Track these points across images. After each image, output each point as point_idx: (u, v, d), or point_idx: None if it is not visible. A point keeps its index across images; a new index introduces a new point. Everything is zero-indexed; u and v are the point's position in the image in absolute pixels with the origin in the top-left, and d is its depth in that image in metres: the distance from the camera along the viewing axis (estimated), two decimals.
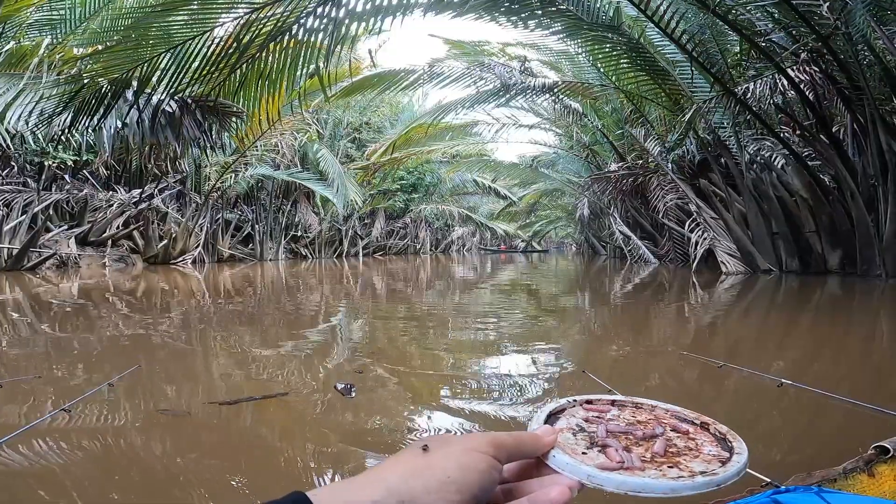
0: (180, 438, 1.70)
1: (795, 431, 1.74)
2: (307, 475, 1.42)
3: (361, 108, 19.13)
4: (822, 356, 3.03)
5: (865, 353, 3.07)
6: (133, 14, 4.48)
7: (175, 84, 4.46)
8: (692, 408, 0.55)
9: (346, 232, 19.96)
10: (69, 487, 1.34)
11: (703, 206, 9.17)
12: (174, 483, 1.37)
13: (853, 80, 6.34)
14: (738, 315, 4.77)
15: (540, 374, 2.55)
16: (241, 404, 1.97)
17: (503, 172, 22.45)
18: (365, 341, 3.61)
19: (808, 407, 1.93)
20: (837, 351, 3.15)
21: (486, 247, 34.68)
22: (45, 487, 1.34)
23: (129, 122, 6.26)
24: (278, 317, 4.78)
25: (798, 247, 7.92)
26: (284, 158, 15.71)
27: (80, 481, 1.38)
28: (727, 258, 8.52)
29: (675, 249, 11.03)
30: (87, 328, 3.96)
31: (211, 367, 2.84)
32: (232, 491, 1.32)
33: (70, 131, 5.39)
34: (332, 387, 2.15)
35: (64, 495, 1.31)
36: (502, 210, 28.20)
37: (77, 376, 2.49)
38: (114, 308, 5.26)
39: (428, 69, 9.49)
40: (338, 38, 4.22)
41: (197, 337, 3.68)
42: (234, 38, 3.93)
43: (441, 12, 5.42)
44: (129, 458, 1.55)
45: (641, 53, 7.79)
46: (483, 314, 4.98)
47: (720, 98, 7.40)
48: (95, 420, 1.80)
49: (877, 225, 6.68)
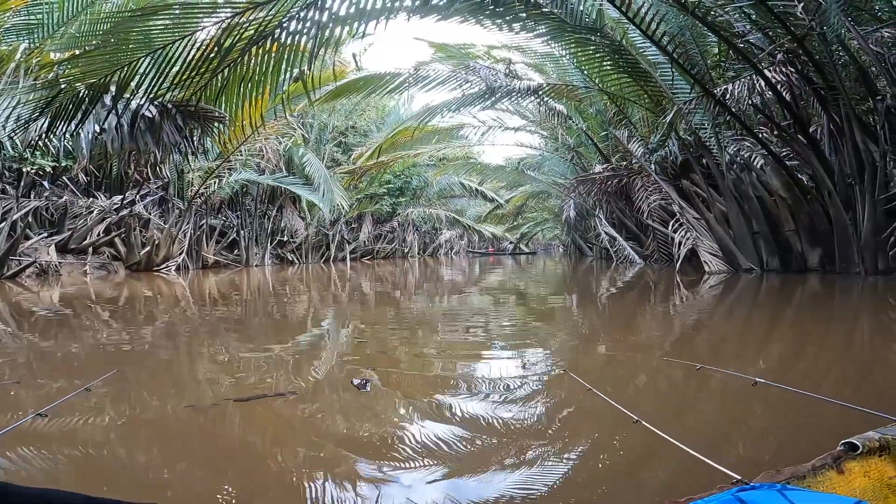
0: (193, 435, 1.68)
1: (769, 429, 1.77)
2: (330, 454, 1.41)
3: (347, 111, 19.05)
4: (802, 353, 3.09)
5: (843, 350, 3.13)
6: (112, 18, 4.41)
7: (155, 89, 4.40)
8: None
9: (333, 236, 19.85)
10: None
11: (685, 206, 9.29)
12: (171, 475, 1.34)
13: (828, 81, 6.47)
14: (720, 315, 4.84)
15: (528, 375, 2.56)
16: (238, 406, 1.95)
17: (490, 175, 22.51)
18: (354, 343, 3.59)
19: (780, 405, 1.96)
20: (817, 348, 3.21)
21: (474, 250, 34.71)
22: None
23: (108, 127, 6.15)
24: (266, 322, 4.73)
25: (778, 246, 8.06)
26: (269, 163, 15.58)
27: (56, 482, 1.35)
28: (710, 258, 8.64)
29: (659, 250, 11.15)
30: (68, 336, 3.88)
31: (196, 372, 2.80)
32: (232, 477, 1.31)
33: (47, 137, 5.29)
34: (349, 382, 2.31)
35: None
36: (489, 213, 28.25)
37: (56, 382, 2.44)
38: (96, 316, 5.16)
39: (413, 72, 9.50)
40: (322, 42, 4.20)
41: (183, 343, 3.63)
42: (215, 43, 3.89)
43: (426, 15, 5.42)
44: (127, 455, 1.52)
45: (624, 55, 7.89)
46: (472, 316, 4.98)
47: (700, 99, 7.51)
48: (72, 423, 1.77)
49: (854, 223, 6.81)
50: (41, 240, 10.82)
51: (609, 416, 1.70)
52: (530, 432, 1.76)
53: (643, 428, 1.34)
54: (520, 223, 30.48)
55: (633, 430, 1.44)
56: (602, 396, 1.72)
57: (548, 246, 40.01)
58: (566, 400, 2.15)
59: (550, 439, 1.70)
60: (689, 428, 1.77)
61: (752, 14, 6.53)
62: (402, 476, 1.39)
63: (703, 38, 7.59)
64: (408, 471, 1.43)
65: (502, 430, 1.77)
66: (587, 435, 1.76)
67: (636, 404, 1.85)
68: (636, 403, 1.94)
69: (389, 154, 16.70)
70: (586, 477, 1.44)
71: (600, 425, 1.78)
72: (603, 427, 1.76)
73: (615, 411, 1.54)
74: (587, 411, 1.93)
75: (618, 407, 1.54)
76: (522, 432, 1.76)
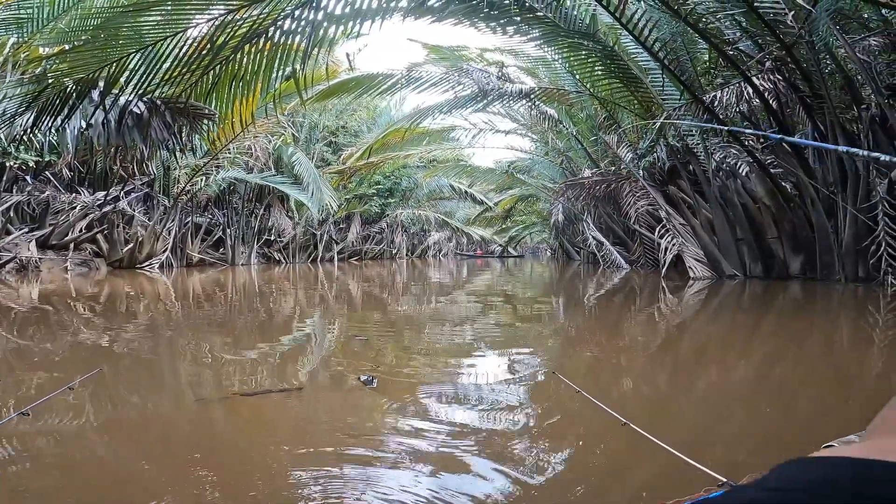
0: (203, 426, 1.65)
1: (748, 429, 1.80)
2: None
3: (338, 111, 18.98)
4: (775, 367, 3.15)
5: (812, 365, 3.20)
6: (103, 14, 4.34)
7: (144, 85, 4.34)
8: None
9: (321, 236, 19.73)
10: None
11: (672, 212, 9.40)
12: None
13: (815, 89, 6.60)
14: (703, 322, 4.91)
15: (514, 377, 2.57)
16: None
17: (480, 177, 22.58)
18: (340, 342, 3.58)
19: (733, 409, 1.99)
20: (794, 360, 3.27)
21: (462, 252, 34.76)
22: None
23: (94, 122, 6.06)
24: (251, 322, 4.69)
25: (761, 252, 8.19)
26: (258, 161, 15.45)
27: (34, 481, 1.33)
28: (695, 264, 8.75)
29: (645, 255, 11.27)
30: (47, 333, 3.81)
31: (178, 372, 2.76)
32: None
33: (32, 132, 5.18)
34: (356, 378, 2.35)
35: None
36: (478, 215, 28.32)
37: (40, 380, 2.40)
38: (75, 313, 5.07)
39: (406, 73, 9.49)
40: (315, 41, 4.18)
41: (164, 342, 3.58)
42: (207, 40, 3.85)
43: (421, 17, 5.43)
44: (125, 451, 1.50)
45: (615, 61, 7.97)
46: (461, 319, 4.99)
47: (689, 106, 7.61)
48: (57, 422, 1.74)
49: (836, 231, 6.95)
50: (22, 235, 10.59)
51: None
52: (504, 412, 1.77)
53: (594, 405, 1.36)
54: (508, 226, 30.60)
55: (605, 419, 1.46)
56: (566, 381, 1.74)
57: (535, 249, 40.21)
58: (537, 385, 2.17)
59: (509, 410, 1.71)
60: (673, 430, 1.80)
61: (743, 21, 6.63)
62: (386, 474, 1.39)
63: (694, 44, 7.70)
64: (392, 469, 1.42)
65: (493, 427, 1.78)
66: (545, 409, 1.78)
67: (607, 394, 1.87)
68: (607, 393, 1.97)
69: (380, 155, 16.66)
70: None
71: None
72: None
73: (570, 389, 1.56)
74: (549, 391, 1.95)
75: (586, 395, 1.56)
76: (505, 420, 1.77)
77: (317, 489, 1.31)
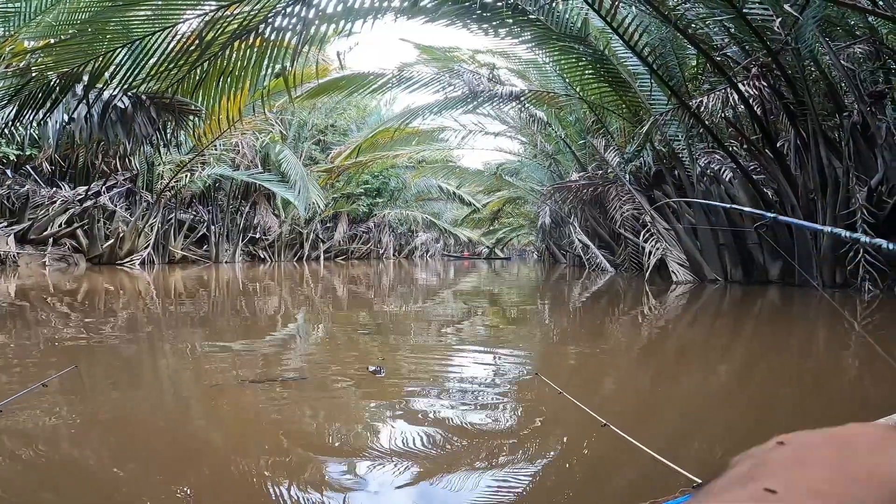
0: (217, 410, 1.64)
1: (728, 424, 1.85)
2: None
3: (328, 109, 18.86)
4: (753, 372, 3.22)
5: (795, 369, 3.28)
6: (91, 8, 4.27)
7: (129, 80, 4.28)
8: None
9: (307, 235, 19.61)
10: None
11: (656, 216, 9.53)
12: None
13: (799, 96, 6.72)
14: (683, 326, 4.99)
15: (497, 379, 2.59)
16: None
17: (468, 179, 22.61)
18: (320, 341, 3.57)
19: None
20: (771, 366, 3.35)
21: (449, 253, 34.77)
22: None
23: (77, 117, 5.95)
24: (235, 320, 4.65)
25: (742, 258, 8.34)
26: (245, 159, 15.30)
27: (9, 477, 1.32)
28: (677, 268, 8.87)
29: (630, 259, 11.39)
30: (23, 329, 3.74)
31: (159, 367, 2.74)
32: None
33: (13, 125, 5.07)
34: (366, 368, 2.43)
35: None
36: (466, 216, 28.38)
37: (12, 377, 2.36)
38: (52, 309, 4.98)
39: (397, 73, 9.48)
40: (307, 39, 4.16)
41: (143, 337, 3.54)
42: (196, 35, 3.81)
43: (413, 17, 5.44)
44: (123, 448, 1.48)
45: (605, 65, 8.05)
46: (446, 321, 5.00)
47: (676, 111, 7.72)
48: (29, 419, 1.72)
49: (815, 237, 7.11)
50: (0, 229, 10.36)
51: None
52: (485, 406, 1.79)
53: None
54: (496, 228, 30.70)
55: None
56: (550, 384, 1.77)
57: (522, 251, 40.37)
58: (519, 387, 2.19)
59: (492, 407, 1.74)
60: (655, 432, 1.83)
61: (731, 27, 6.75)
62: (373, 476, 1.40)
63: (683, 49, 7.80)
64: (380, 469, 1.44)
65: (481, 423, 1.80)
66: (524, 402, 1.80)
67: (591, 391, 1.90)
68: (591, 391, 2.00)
69: (368, 154, 16.59)
70: None
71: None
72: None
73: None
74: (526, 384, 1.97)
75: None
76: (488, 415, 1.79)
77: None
